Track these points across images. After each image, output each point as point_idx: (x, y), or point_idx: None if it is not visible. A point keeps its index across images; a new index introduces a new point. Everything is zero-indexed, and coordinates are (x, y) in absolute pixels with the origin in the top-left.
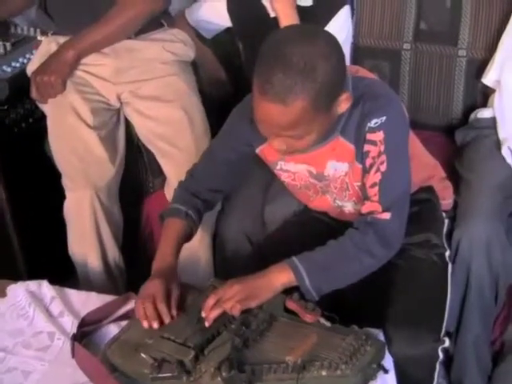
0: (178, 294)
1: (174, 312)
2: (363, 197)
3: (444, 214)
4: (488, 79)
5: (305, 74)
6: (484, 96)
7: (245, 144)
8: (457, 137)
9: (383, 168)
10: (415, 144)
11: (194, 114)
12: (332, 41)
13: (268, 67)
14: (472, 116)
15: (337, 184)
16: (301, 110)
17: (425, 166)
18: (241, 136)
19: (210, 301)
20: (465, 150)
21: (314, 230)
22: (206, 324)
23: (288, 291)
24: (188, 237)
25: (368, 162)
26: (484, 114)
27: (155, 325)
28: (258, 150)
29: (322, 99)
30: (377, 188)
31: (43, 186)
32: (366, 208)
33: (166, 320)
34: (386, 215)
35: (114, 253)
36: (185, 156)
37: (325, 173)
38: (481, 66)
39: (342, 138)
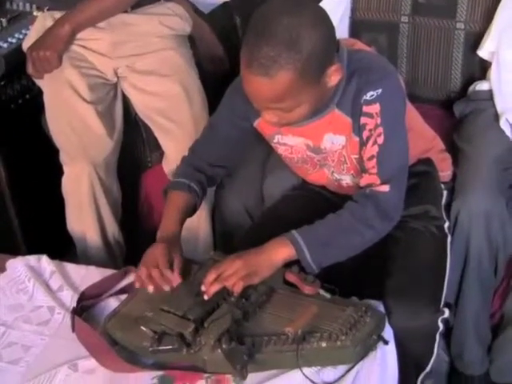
0: (181, 261)
1: (178, 278)
2: (361, 170)
3: (443, 186)
4: (483, 51)
5: (289, 45)
6: (482, 69)
7: (243, 118)
8: (455, 110)
9: (380, 140)
10: (413, 116)
11: (192, 88)
12: (319, 12)
13: (253, 39)
14: (470, 89)
15: (334, 157)
16: (286, 82)
17: (423, 138)
18: (238, 110)
19: (211, 275)
20: (463, 122)
21: (312, 203)
22: (206, 297)
23: (287, 264)
24: (191, 210)
25: (365, 134)
26: (482, 86)
27: (166, 287)
28: (255, 124)
29: (309, 71)
30: (374, 160)
31: (41, 162)
32: (365, 181)
33: (171, 285)
34: (385, 188)
35: (112, 228)
36: (182, 130)
37: (322, 146)
38: (479, 39)
39: (339, 110)
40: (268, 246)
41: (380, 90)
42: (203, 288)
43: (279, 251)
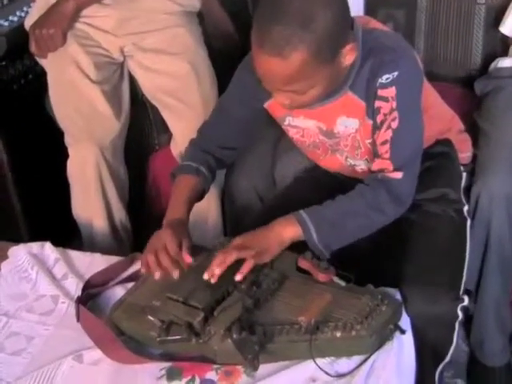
0: (189, 244)
1: (189, 259)
2: (374, 154)
3: (462, 168)
4: (506, 28)
5: (303, 24)
6: (504, 45)
7: (254, 99)
8: (476, 88)
9: (395, 125)
10: (431, 95)
11: (201, 67)
12: None
13: (265, 18)
14: (492, 66)
15: (347, 142)
16: (300, 63)
17: (442, 118)
18: (249, 90)
19: (218, 259)
20: (484, 101)
21: (326, 186)
22: (212, 280)
23: (300, 250)
24: (200, 194)
25: (379, 118)
26: (504, 63)
27: (175, 274)
28: (265, 105)
29: (323, 51)
30: (388, 145)
31: (44, 145)
32: (377, 165)
33: (177, 272)
34: (398, 174)
35: (120, 213)
36: (191, 111)
37: (334, 130)
38: (501, 14)
39: (352, 93)
40: (275, 224)
41: (396, 73)
42: (206, 275)
43: (285, 230)
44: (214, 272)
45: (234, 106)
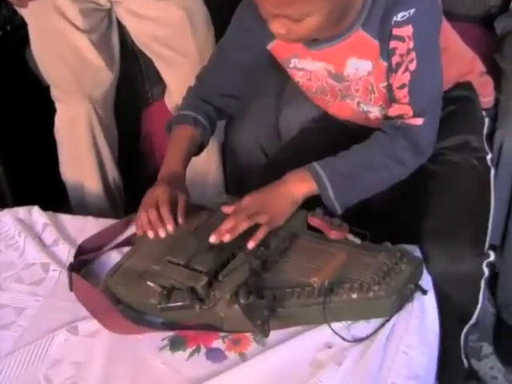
0: (185, 199)
1: (181, 219)
2: (390, 99)
3: (484, 113)
4: None
5: None
6: None
7: (256, 40)
8: (496, 26)
9: (413, 67)
10: (450, 34)
11: (196, 12)
12: None
13: None
14: None
15: (359, 86)
16: None
17: (462, 60)
18: (251, 31)
19: (228, 223)
20: (506, 40)
21: (336, 137)
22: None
23: (310, 206)
24: (199, 147)
25: (395, 60)
26: None
27: (162, 233)
28: (269, 47)
29: None
30: (406, 89)
31: (27, 102)
32: (395, 111)
33: (171, 227)
34: (419, 121)
35: (112, 173)
36: (186, 60)
37: (344, 73)
38: None
39: (364, 32)
40: (285, 180)
41: (413, 10)
42: (213, 238)
43: (298, 186)
44: (223, 236)
45: (235, 50)
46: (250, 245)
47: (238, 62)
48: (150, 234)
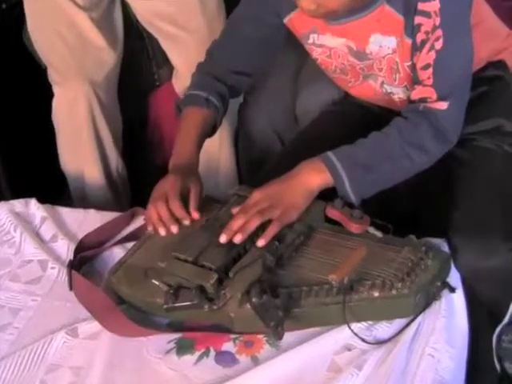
0: (198, 193)
1: (194, 214)
2: (414, 81)
3: None
4: None
5: None
6: None
7: (272, 12)
8: None
9: (439, 46)
10: (482, 8)
11: None
12: None
13: None
14: None
15: (382, 65)
16: None
17: (495, 36)
18: (266, 2)
19: (238, 221)
20: None
21: (357, 121)
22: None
23: (328, 197)
24: (211, 129)
25: (420, 37)
26: None
27: (174, 229)
28: (285, 20)
29: None
30: (431, 70)
31: (24, 86)
32: (418, 94)
33: (183, 220)
34: (443, 105)
35: (116, 162)
36: (195, 40)
37: (367, 50)
38: None
39: (389, 6)
40: (299, 171)
41: None
42: (223, 238)
43: (313, 177)
44: (234, 237)
45: (249, 23)
46: (260, 243)
47: (251, 35)
48: (162, 232)
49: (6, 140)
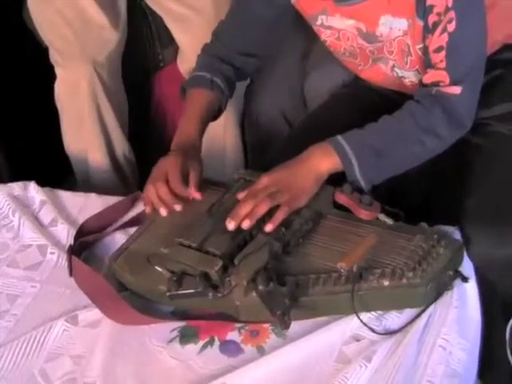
0: (198, 173)
1: (195, 193)
2: (426, 64)
3: None
4: None
5: None
6: None
7: None
8: None
9: (451, 28)
10: None
11: None
12: None
13: None
14: None
15: (393, 47)
16: None
17: (510, 18)
18: None
19: (245, 207)
20: None
21: (367, 105)
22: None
23: (337, 182)
24: (216, 111)
25: (432, 18)
26: None
27: (178, 207)
28: (293, 0)
29: None
30: (443, 53)
31: (25, 66)
32: (430, 77)
33: (180, 201)
34: (457, 89)
35: (121, 144)
36: (201, 19)
37: (377, 32)
38: None
39: None
40: (308, 155)
41: None
42: (231, 225)
43: (322, 162)
44: (241, 222)
45: (256, 3)
46: (268, 227)
47: (258, 15)
48: (163, 212)
49: (8, 122)
